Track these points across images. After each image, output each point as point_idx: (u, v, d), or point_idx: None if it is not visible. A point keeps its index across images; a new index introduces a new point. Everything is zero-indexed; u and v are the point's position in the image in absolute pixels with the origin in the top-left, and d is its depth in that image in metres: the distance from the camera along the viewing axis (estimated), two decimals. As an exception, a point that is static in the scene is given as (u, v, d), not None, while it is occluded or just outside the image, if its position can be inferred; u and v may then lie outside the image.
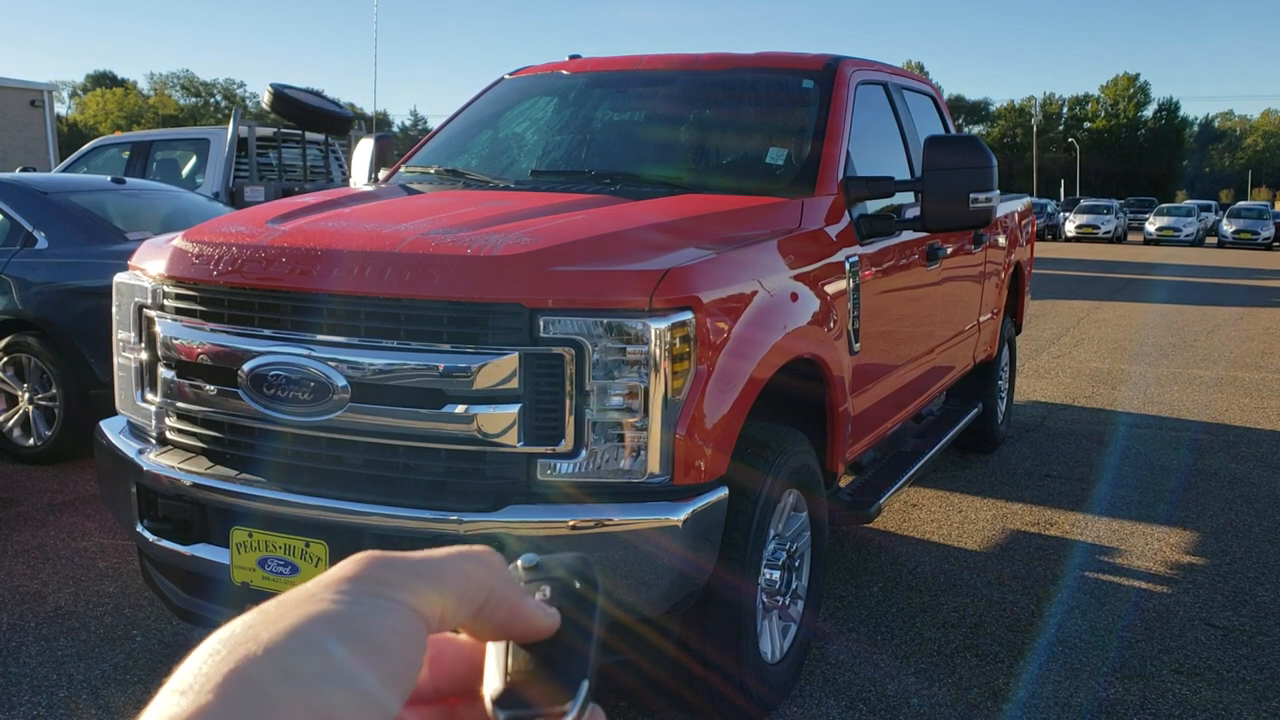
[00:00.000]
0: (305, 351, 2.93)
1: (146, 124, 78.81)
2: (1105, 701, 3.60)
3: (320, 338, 2.94)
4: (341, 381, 2.88)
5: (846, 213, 3.97)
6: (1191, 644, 4.07)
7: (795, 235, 3.63)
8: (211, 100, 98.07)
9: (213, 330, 3.13)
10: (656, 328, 2.77)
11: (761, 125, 4.49)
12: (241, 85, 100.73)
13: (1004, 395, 7.12)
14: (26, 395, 6.35)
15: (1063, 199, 61.08)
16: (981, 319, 6.05)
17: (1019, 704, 3.57)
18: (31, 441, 6.35)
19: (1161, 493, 6.08)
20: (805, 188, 3.93)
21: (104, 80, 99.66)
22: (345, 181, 11.96)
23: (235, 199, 10.32)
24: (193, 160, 11.41)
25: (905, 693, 3.65)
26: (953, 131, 5.99)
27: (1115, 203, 48.29)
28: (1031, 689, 3.68)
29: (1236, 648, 4.04)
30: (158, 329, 3.29)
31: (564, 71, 4.96)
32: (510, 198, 3.80)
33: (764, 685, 3.32)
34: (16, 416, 6.40)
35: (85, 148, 11.92)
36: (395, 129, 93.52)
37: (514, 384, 2.79)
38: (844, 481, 4.38)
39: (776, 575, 3.38)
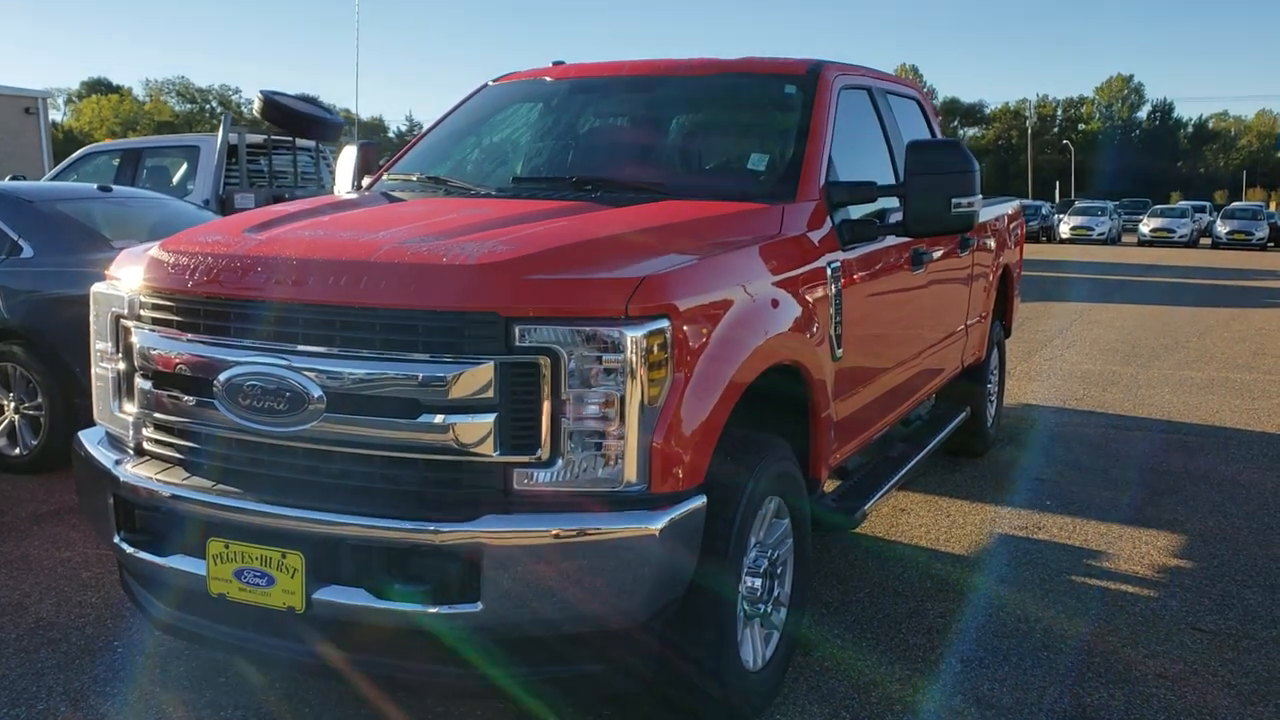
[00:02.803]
0: (281, 362, 2.91)
1: (142, 130, 78.65)
2: (1090, 707, 3.58)
3: (296, 348, 2.92)
4: (317, 391, 2.86)
5: (829, 218, 3.96)
6: (1178, 648, 4.05)
7: (776, 241, 3.62)
8: (207, 106, 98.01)
9: (189, 340, 3.11)
10: (632, 335, 2.76)
11: (744, 130, 4.49)
12: (237, 91, 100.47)
13: (993, 398, 7.11)
14: (12, 404, 6.33)
15: (1058, 200, 61.12)
16: (969, 322, 6.04)
17: (1004, 710, 3.56)
18: (17, 451, 6.33)
19: (1151, 495, 6.07)
20: (787, 193, 3.92)
21: (99, 86, 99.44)
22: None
23: (225, 206, 10.30)
24: (183, 167, 11.39)
25: (889, 699, 3.64)
26: (938, 135, 5.98)
27: (1109, 204, 48.35)
28: (1017, 694, 3.66)
29: (1223, 651, 4.03)
30: (134, 339, 3.27)
31: (547, 78, 4.94)
32: (490, 205, 3.79)
33: (746, 693, 3.31)
34: (2, 426, 6.37)
35: (75, 155, 11.90)
36: (391, 133, 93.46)
37: (490, 393, 2.77)
38: (829, 486, 4.37)
39: (758, 583, 3.36)
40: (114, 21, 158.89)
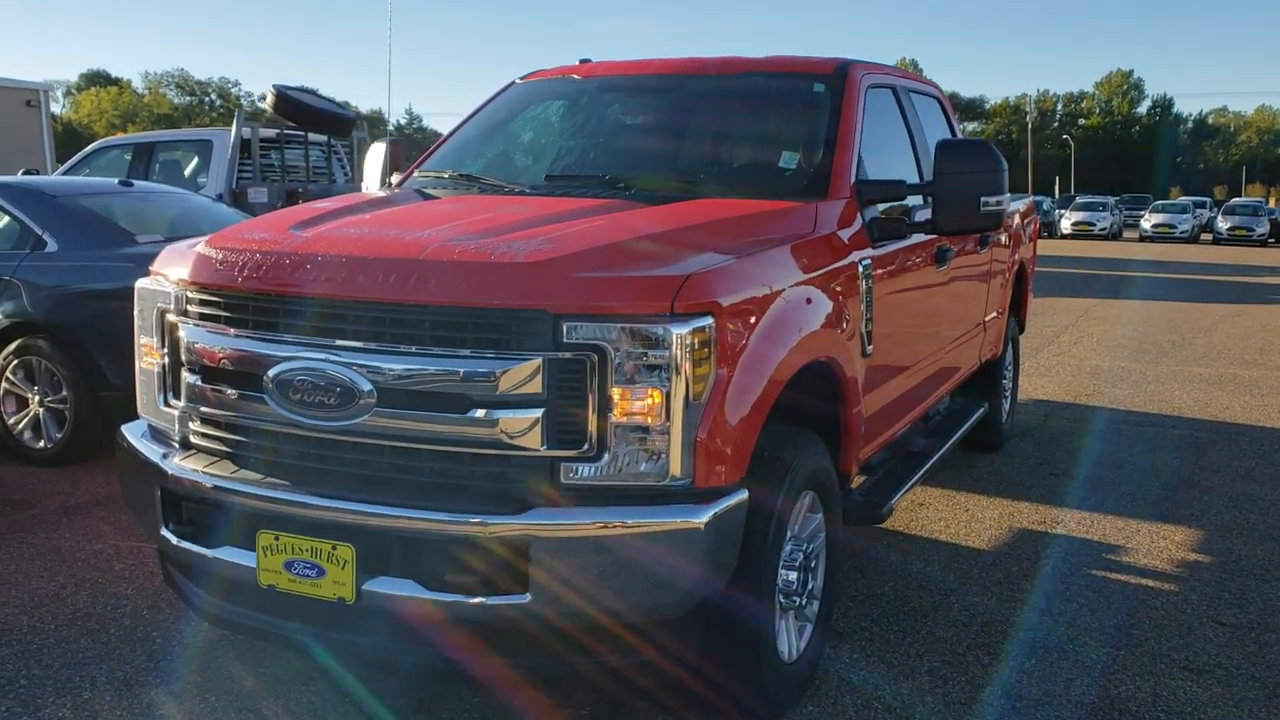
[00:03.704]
0: (332, 357, 2.96)
1: (142, 123, 78.56)
2: (1117, 698, 3.64)
3: (345, 343, 2.97)
4: (367, 386, 2.91)
5: (859, 216, 4.01)
6: (1200, 641, 4.11)
7: (809, 239, 3.67)
8: (207, 99, 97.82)
9: (237, 336, 3.16)
10: (678, 333, 2.81)
11: (774, 129, 4.53)
12: (236, 84, 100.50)
13: (1008, 394, 7.17)
14: (37, 398, 6.38)
15: (1058, 196, 61.17)
16: (987, 318, 6.10)
17: (1033, 701, 3.62)
18: (42, 444, 6.38)
19: (1165, 490, 6.13)
20: (818, 192, 3.97)
21: (98, 79, 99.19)
22: (348, 183, 11.99)
23: (239, 200, 10.35)
24: (194, 161, 11.44)
25: (920, 690, 3.69)
26: (957, 134, 6.04)
27: (1110, 199, 48.47)
28: (1044, 686, 3.72)
29: (1245, 645, 4.09)
30: (181, 334, 3.32)
31: (575, 76, 4.99)
32: (527, 203, 3.84)
33: (782, 684, 3.37)
34: (27, 419, 6.43)
35: (88, 149, 11.94)
36: (391, 126, 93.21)
37: (537, 388, 2.82)
38: (855, 482, 4.42)
39: (793, 576, 3.41)
40: (111, 13, 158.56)
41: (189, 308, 3.32)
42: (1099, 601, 4.49)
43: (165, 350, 3.42)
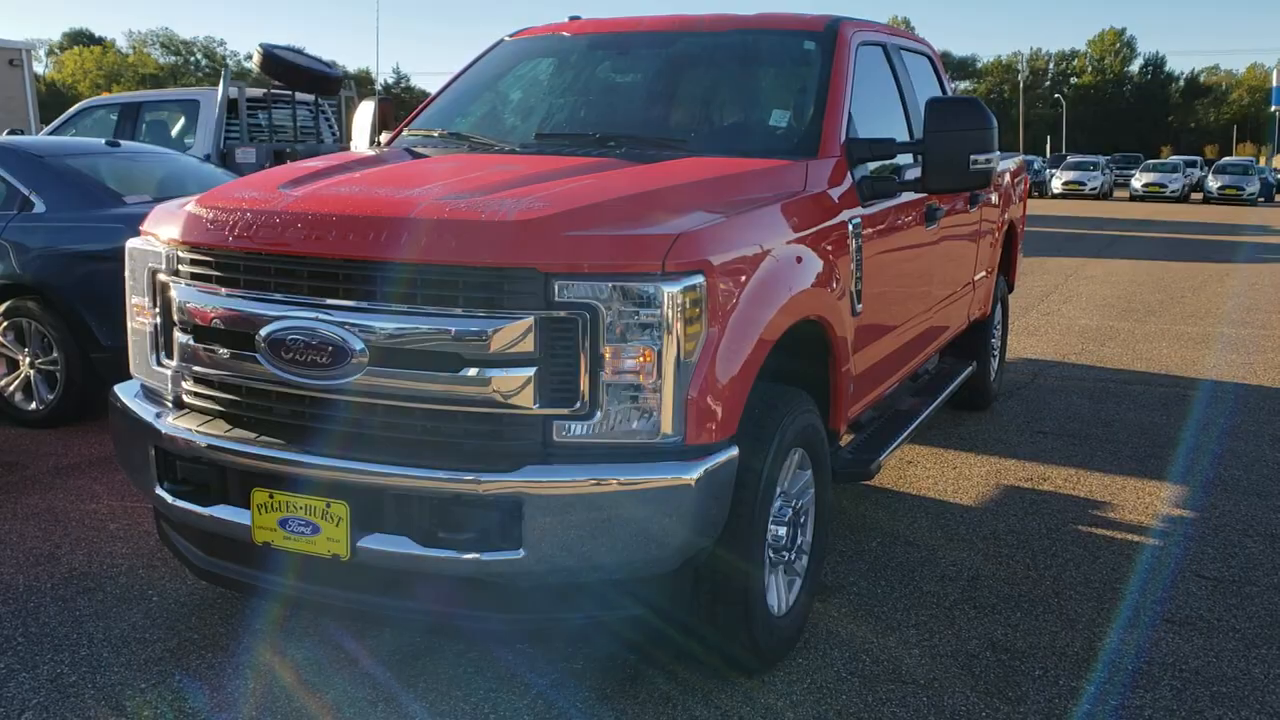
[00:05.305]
0: (323, 316, 2.97)
1: (127, 84, 77.80)
2: (1103, 651, 3.70)
3: (337, 302, 2.97)
4: (359, 345, 2.92)
5: (849, 174, 4.02)
6: (1183, 595, 4.18)
7: (800, 198, 3.68)
8: (192, 59, 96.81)
9: (229, 295, 3.17)
10: (669, 291, 2.82)
11: (764, 87, 4.52)
12: (222, 43, 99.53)
13: (997, 353, 7.21)
14: (28, 359, 6.38)
15: (1049, 155, 61.08)
16: (976, 278, 6.12)
17: (1017, 654, 3.68)
18: (34, 405, 6.39)
19: (1152, 448, 6.19)
20: (809, 150, 3.97)
21: (81, 38, 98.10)
22: (335, 142, 11.92)
23: (226, 160, 10.28)
24: (181, 121, 11.35)
25: (907, 643, 3.75)
26: (949, 92, 6.03)
27: (1101, 159, 48.40)
28: (1029, 639, 3.78)
29: (1226, 598, 4.16)
30: (173, 294, 3.32)
31: (565, 33, 4.96)
32: (517, 161, 3.83)
33: (771, 638, 3.42)
34: (18, 381, 6.43)
35: (73, 109, 11.83)
36: (379, 85, 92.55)
37: (529, 347, 2.83)
38: (844, 440, 4.46)
39: (783, 531, 3.46)
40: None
41: (180, 267, 3.32)
42: (1084, 557, 4.55)
43: (157, 310, 3.42)
